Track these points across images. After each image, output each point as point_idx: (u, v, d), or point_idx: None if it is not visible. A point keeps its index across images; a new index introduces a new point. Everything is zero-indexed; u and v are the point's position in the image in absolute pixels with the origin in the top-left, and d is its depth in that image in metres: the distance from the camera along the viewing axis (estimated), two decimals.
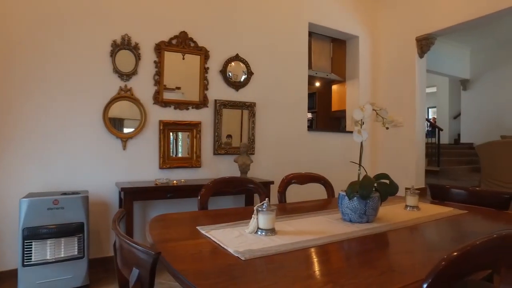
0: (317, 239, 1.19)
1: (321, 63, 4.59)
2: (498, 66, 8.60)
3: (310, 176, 2.12)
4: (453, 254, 0.72)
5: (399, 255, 1.12)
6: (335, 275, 0.89)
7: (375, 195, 1.40)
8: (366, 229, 1.32)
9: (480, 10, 3.63)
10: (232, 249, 1.06)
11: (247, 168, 3.15)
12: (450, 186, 2.02)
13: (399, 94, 4.40)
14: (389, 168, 4.48)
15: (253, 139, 3.55)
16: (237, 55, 3.47)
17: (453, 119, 10.05)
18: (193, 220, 1.50)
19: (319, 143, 4.10)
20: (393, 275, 0.90)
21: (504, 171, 4.50)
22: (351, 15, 4.44)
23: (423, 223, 1.50)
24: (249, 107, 3.53)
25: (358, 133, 1.41)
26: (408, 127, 4.28)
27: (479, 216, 1.66)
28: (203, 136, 3.30)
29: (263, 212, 1.25)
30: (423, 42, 4.17)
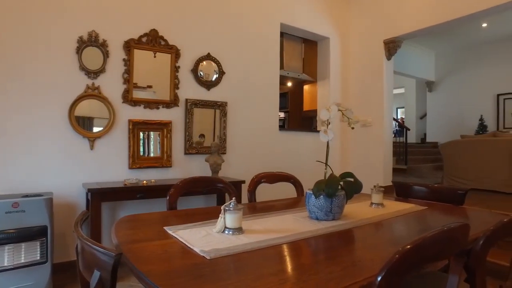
0: (283, 237, 1.22)
1: (292, 64, 4.65)
2: (459, 69, 9.07)
3: (279, 175, 2.15)
4: (406, 248, 0.76)
5: (362, 251, 1.16)
6: (297, 272, 0.92)
7: (341, 193, 1.44)
8: (331, 226, 1.36)
9: (442, 17, 3.81)
10: (198, 248, 1.06)
11: (218, 167, 3.15)
12: (412, 183, 2.11)
13: (368, 94, 4.55)
14: (358, 166, 4.62)
15: (224, 139, 3.55)
16: (208, 54, 3.46)
17: (420, 119, 10.48)
18: (161, 221, 1.48)
19: (291, 143, 4.16)
20: (354, 270, 0.93)
21: (464, 168, 4.75)
22: (322, 17, 4.53)
23: (386, 219, 1.56)
24: (220, 107, 3.52)
25: (324, 133, 1.44)
26: (377, 126, 4.43)
27: (437, 211, 1.75)
28: (174, 135, 3.26)
29: (230, 211, 1.26)
30: (391, 45, 4.33)
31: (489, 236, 1.04)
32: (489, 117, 8.50)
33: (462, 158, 4.79)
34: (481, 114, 8.57)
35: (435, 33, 7.58)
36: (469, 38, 8.28)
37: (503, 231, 1.10)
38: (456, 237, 0.88)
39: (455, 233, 0.87)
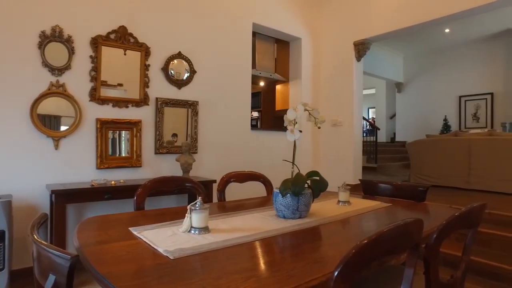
0: (249, 235, 1.23)
1: (265, 63, 4.69)
2: (425, 72, 9.46)
3: (249, 174, 2.16)
4: (362, 243, 0.79)
5: (325, 247, 1.19)
6: (261, 269, 0.93)
7: (307, 192, 1.47)
8: (297, 224, 1.39)
9: (407, 21, 3.97)
10: (162, 249, 1.05)
11: (189, 167, 3.12)
12: (378, 181, 2.18)
13: (339, 94, 4.65)
14: (329, 165, 4.72)
15: (196, 138, 3.52)
16: (179, 52, 3.42)
17: (390, 119, 10.84)
18: (128, 221, 1.45)
19: (263, 142, 4.19)
20: (315, 266, 0.95)
21: (429, 166, 4.97)
22: (294, 18, 4.59)
23: (352, 216, 1.61)
24: (191, 106, 3.49)
25: (291, 132, 1.47)
26: (347, 126, 4.55)
27: (400, 208, 1.82)
28: (144, 135, 3.20)
29: (196, 211, 1.26)
30: (360, 46, 4.45)
31: (441, 230, 1.09)
32: (453, 117, 8.92)
33: (427, 156, 5.00)
34: (445, 114, 8.98)
35: (403, 37, 7.87)
36: (434, 43, 8.66)
37: (454, 225, 1.16)
38: (410, 232, 0.92)
39: (409, 228, 0.91)
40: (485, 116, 8.43)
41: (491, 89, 8.32)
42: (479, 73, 8.49)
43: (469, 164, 4.58)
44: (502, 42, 8.05)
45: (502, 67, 8.12)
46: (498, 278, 2.62)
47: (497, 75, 8.21)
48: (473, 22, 7.21)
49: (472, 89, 8.60)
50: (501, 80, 8.16)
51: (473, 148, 4.56)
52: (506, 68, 8.03)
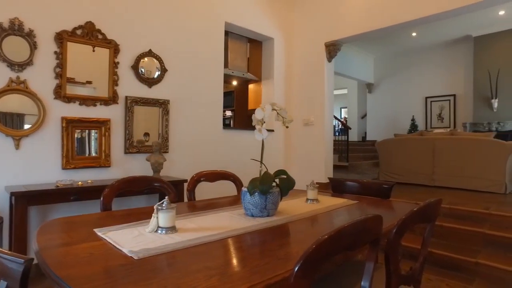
0: (217, 234, 1.23)
1: (237, 62, 4.69)
2: (394, 73, 9.81)
3: (219, 173, 2.16)
4: (323, 238, 0.82)
5: (291, 244, 1.21)
6: (224, 267, 0.94)
7: (275, 190, 1.49)
8: (265, 223, 1.41)
9: (375, 24, 4.11)
10: (126, 249, 1.04)
11: (160, 166, 3.08)
12: (345, 179, 2.25)
13: (311, 94, 4.74)
14: (301, 163, 4.79)
15: (167, 137, 3.47)
16: (150, 50, 3.35)
17: (361, 118, 11.14)
18: (93, 223, 1.42)
19: (235, 141, 4.19)
20: (279, 262, 0.97)
21: (397, 164, 5.16)
22: (267, 18, 4.62)
23: (319, 214, 1.65)
24: (162, 105, 3.44)
25: (259, 132, 1.48)
26: (318, 125, 4.64)
27: (366, 205, 1.88)
28: (113, 134, 3.12)
29: (163, 210, 1.25)
30: (331, 47, 4.55)
31: (400, 225, 1.15)
32: (419, 117, 9.31)
33: (395, 155, 5.19)
34: (412, 114, 9.35)
35: (373, 39, 8.13)
36: (402, 45, 9.00)
37: (413, 220, 1.22)
38: (370, 227, 0.96)
39: (369, 223, 0.95)
40: (449, 116, 8.85)
41: (453, 91, 8.75)
42: (443, 76, 8.91)
43: (433, 162, 4.80)
44: (463, 47, 8.48)
45: (463, 70, 8.56)
46: (457, 269, 2.77)
47: (459, 78, 8.65)
48: (437, 28, 7.55)
49: (437, 91, 9.00)
50: (462, 83, 8.59)
51: (436, 147, 4.78)
52: (466, 71, 8.47)
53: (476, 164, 4.40)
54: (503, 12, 6.90)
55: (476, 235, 2.98)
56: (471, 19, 7.11)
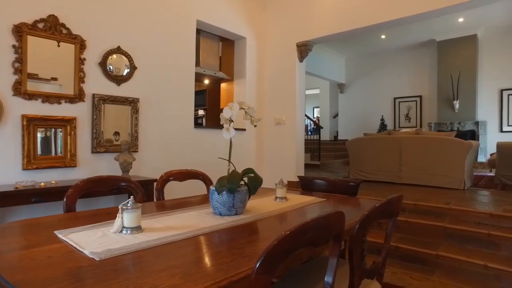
0: (183, 233, 1.22)
1: (209, 61, 4.66)
2: (365, 74, 10.10)
3: (188, 172, 2.15)
4: (284, 234, 0.83)
5: (258, 242, 1.23)
6: (189, 266, 0.93)
7: (243, 189, 1.50)
8: (233, 221, 1.41)
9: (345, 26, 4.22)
10: (88, 250, 1.01)
11: (129, 166, 3.01)
12: (314, 178, 2.29)
13: (282, 94, 4.79)
14: (273, 163, 4.84)
15: (136, 136, 3.40)
16: (118, 47, 3.27)
17: (333, 118, 11.38)
18: (54, 224, 1.37)
19: (207, 140, 4.17)
20: (243, 260, 0.98)
21: (366, 163, 5.31)
22: (239, 17, 4.62)
23: (287, 211, 1.67)
24: (132, 103, 3.36)
25: (226, 131, 1.48)
26: (290, 124, 4.70)
27: (333, 202, 1.93)
28: (80, 133, 3.01)
29: (128, 210, 1.22)
30: (302, 48, 4.62)
31: (362, 220, 1.19)
32: (388, 117, 9.64)
33: (364, 154, 5.35)
34: (382, 114, 9.67)
35: (344, 40, 8.32)
36: (372, 47, 9.29)
37: (375, 216, 1.27)
38: (331, 223, 0.99)
39: (330, 219, 0.98)
40: (416, 116, 9.23)
41: (420, 92, 9.13)
42: (410, 77, 9.27)
43: (400, 160, 4.98)
44: (428, 50, 8.87)
45: (428, 73, 8.96)
46: (420, 262, 2.89)
47: (424, 80, 9.04)
48: (404, 31, 7.86)
49: (404, 92, 9.36)
50: (427, 84, 8.99)
51: (403, 146, 4.96)
52: (430, 74, 8.87)
53: (438, 162, 4.61)
54: (462, 19, 7.29)
55: (438, 229, 3.12)
56: (435, 24, 7.45)
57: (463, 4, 3.46)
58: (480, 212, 3.11)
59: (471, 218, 3.13)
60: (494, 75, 7.90)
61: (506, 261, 2.63)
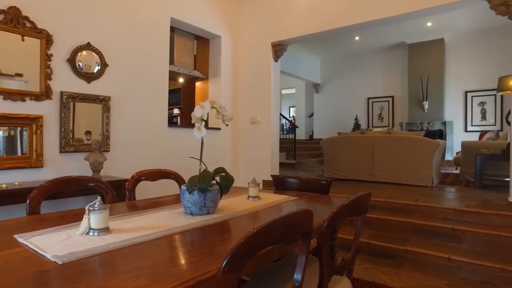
0: (153, 233, 1.20)
1: (184, 60, 4.60)
2: (339, 74, 10.30)
3: (160, 172, 2.12)
4: (251, 232, 0.84)
5: (228, 241, 1.22)
6: (156, 266, 0.92)
7: (215, 188, 1.49)
8: (204, 220, 1.40)
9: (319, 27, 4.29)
10: (50, 254, 0.97)
11: (100, 166, 2.93)
12: (287, 176, 2.32)
13: (257, 93, 4.81)
14: (249, 162, 4.85)
15: (107, 135, 3.31)
16: (88, 43, 3.17)
17: (309, 117, 11.54)
18: (15, 228, 1.31)
19: (181, 139, 4.12)
20: (212, 259, 0.98)
21: (340, 161, 5.42)
22: (214, 15, 4.59)
23: (259, 210, 1.68)
24: (103, 101, 3.27)
25: (198, 130, 1.47)
26: (265, 123, 4.72)
27: (305, 201, 1.96)
28: (47, 132, 2.90)
29: (95, 211, 1.19)
30: (277, 47, 4.65)
31: (331, 218, 1.21)
32: (362, 117, 9.89)
33: (338, 152, 5.45)
34: (356, 114, 9.90)
35: (319, 41, 8.46)
36: (347, 48, 9.49)
37: (343, 213, 1.30)
38: (298, 221, 1.01)
39: (298, 217, 0.99)
40: (388, 116, 9.52)
41: (392, 93, 9.42)
42: (382, 78, 9.55)
43: (372, 159, 5.12)
44: (399, 52, 9.17)
45: (399, 74, 9.26)
46: (390, 257, 2.99)
47: (396, 81, 9.34)
48: (377, 33, 8.08)
49: (377, 92, 9.63)
50: (399, 85, 9.29)
51: (375, 145, 5.11)
52: (402, 75, 9.18)
53: (408, 161, 4.78)
54: (431, 24, 7.59)
55: (407, 225, 3.24)
56: (405, 28, 7.71)
57: (430, 9, 3.60)
58: (445, 208, 3.25)
59: (438, 214, 3.27)
60: (459, 77, 8.28)
61: (467, 253, 2.77)
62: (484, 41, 7.87)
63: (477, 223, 3.04)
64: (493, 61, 7.65)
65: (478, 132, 7.78)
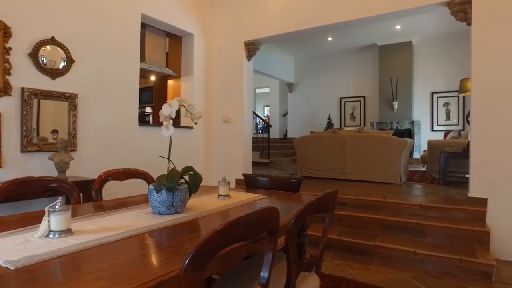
0: (117, 234, 1.17)
1: (155, 57, 4.51)
2: (313, 74, 10.46)
3: (129, 171, 2.07)
4: (214, 230, 0.83)
5: (194, 240, 1.21)
6: (118, 267, 0.90)
7: (183, 187, 1.47)
8: (171, 220, 1.38)
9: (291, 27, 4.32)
10: (2, 260, 0.92)
11: (66, 166, 2.82)
12: (257, 175, 2.33)
13: (230, 92, 4.79)
14: (222, 161, 4.83)
15: (74, 134, 3.19)
16: (53, 38, 3.04)
17: (283, 116, 11.64)
18: None
19: (153, 138, 4.04)
20: (176, 258, 0.96)
21: (312, 160, 5.51)
22: (186, 13, 4.53)
23: (229, 209, 1.68)
24: (69, 99, 3.15)
25: (165, 128, 1.45)
26: (238, 122, 4.72)
27: (275, 199, 1.98)
28: (6, 130, 2.75)
29: (56, 212, 1.15)
30: (250, 46, 4.66)
31: (298, 215, 1.23)
32: (335, 116, 10.09)
33: (311, 151, 5.54)
34: (329, 113, 10.09)
35: (293, 40, 8.55)
36: (320, 48, 9.65)
37: (310, 210, 1.32)
38: (264, 219, 1.01)
39: (262, 215, 1.00)
40: (360, 115, 9.77)
41: (363, 93, 9.68)
42: (355, 78, 9.79)
43: (343, 158, 5.24)
44: (370, 54, 9.44)
45: (371, 75, 9.53)
46: (360, 252, 3.07)
47: (367, 81, 9.60)
48: (349, 34, 8.27)
49: (350, 92, 9.86)
50: (370, 85, 9.56)
51: (346, 144, 5.23)
52: (373, 76, 9.45)
53: (378, 159, 4.93)
54: (399, 27, 7.86)
55: (376, 221, 3.34)
56: (376, 30, 7.94)
57: (397, 13, 3.73)
58: (412, 204, 3.38)
59: (405, 209, 3.39)
60: (426, 79, 8.63)
61: (431, 247, 2.90)
62: (449, 44, 8.24)
63: (440, 217, 3.19)
64: (457, 63, 8.03)
65: (443, 131, 8.15)
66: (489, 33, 3.14)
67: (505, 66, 3.07)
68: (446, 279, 2.59)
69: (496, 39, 3.11)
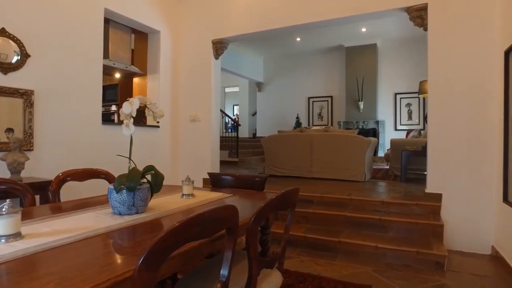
0: (72, 236, 1.13)
1: (120, 54, 4.38)
2: (282, 74, 10.58)
3: (89, 171, 2.00)
4: (171, 227, 0.83)
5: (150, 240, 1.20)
6: (69, 270, 0.87)
7: (144, 187, 1.45)
8: (132, 220, 1.36)
9: (258, 26, 4.36)
10: None
11: (21, 166, 2.67)
12: (222, 174, 2.33)
13: (198, 90, 4.75)
14: (189, 160, 4.78)
15: (31, 133, 3.04)
16: (3, 29, 2.86)
17: (252, 116, 11.68)
18: None
19: (117, 137, 3.91)
20: (133, 259, 0.95)
21: (280, 159, 5.58)
22: (153, 9, 4.43)
23: (192, 208, 1.67)
24: (24, 95, 2.99)
25: (126, 127, 1.42)
26: (205, 121, 4.69)
27: (239, 197, 1.99)
28: None
29: (3, 216, 1.09)
30: (218, 45, 4.64)
31: (258, 213, 1.24)
32: (303, 115, 10.26)
33: (278, 150, 5.60)
34: (297, 113, 10.24)
35: (262, 40, 8.61)
36: (289, 49, 9.77)
37: (271, 208, 1.34)
38: (221, 217, 1.02)
39: (220, 213, 1.00)
40: (327, 115, 10.00)
41: (331, 93, 9.92)
42: (322, 79, 10.01)
43: (311, 156, 5.34)
44: (337, 55, 9.69)
45: (338, 75, 9.78)
46: (325, 249, 3.15)
47: (335, 81, 9.85)
48: (317, 35, 8.44)
49: (318, 92, 10.07)
50: (337, 86, 9.81)
51: (313, 143, 5.33)
52: (340, 76, 9.71)
53: (343, 157, 5.07)
54: (365, 30, 8.13)
55: (340, 218, 3.44)
56: (343, 32, 8.17)
57: (361, 15, 3.87)
58: (374, 200, 3.52)
59: (368, 206, 3.52)
60: (390, 80, 8.99)
61: (391, 241, 3.03)
62: (411, 47, 8.62)
63: (400, 213, 3.34)
64: (418, 66, 8.42)
65: (405, 130, 8.52)
66: (443, 38, 3.33)
67: (457, 69, 3.27)
68: (405, 271, 2.72)
69: (449, 44, 3.31)
